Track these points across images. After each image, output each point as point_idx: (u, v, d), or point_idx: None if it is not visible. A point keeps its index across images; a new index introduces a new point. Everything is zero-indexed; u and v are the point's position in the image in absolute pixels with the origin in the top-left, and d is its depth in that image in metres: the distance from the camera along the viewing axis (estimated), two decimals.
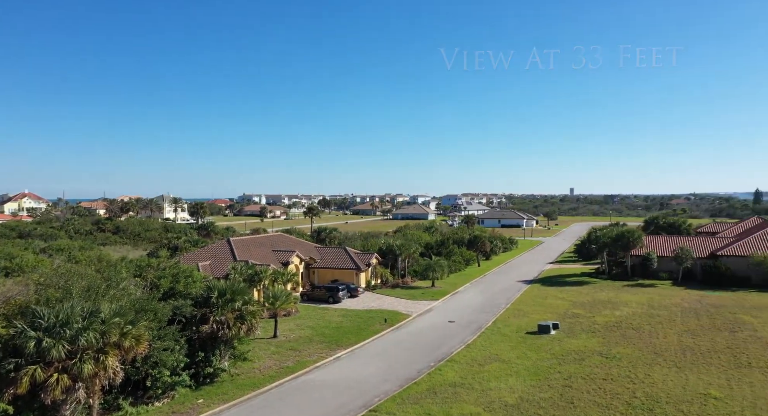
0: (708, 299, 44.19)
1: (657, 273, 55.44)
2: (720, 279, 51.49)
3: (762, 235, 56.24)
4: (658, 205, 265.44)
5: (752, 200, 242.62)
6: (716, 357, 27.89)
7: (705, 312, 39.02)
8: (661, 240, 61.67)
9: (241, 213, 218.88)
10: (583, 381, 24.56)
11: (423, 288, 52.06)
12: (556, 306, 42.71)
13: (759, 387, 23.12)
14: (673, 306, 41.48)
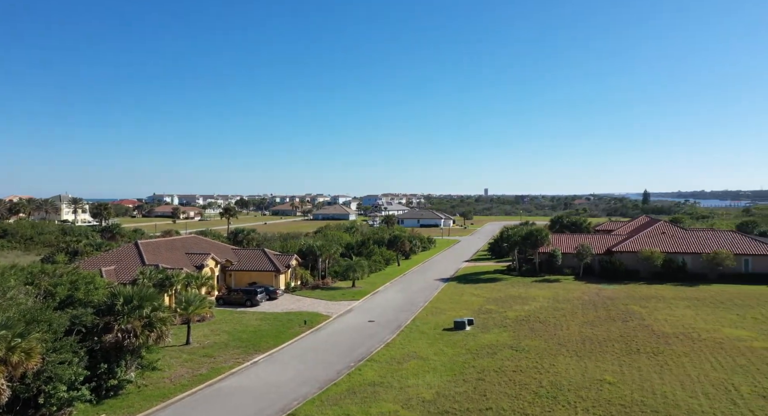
0: (604, 292, 48.13)
1: (561, 269, 59.49)
2: (615, 273, 56.28)
3: (649, 232, 62.28)
4: (562, 205, 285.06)
5: (641, 201, 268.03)
6: (611, 345, 30.45)
7: (602, 304, 42.46)
8: (565, 238, 66.30)
9: (151, 214, 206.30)
10: (495, 373, 25.81)
11: (343, 289, 52.07)
12: (471, 303, 44.48)
13: (645, 370, 25.56)
14: (575, 300, 44.72)
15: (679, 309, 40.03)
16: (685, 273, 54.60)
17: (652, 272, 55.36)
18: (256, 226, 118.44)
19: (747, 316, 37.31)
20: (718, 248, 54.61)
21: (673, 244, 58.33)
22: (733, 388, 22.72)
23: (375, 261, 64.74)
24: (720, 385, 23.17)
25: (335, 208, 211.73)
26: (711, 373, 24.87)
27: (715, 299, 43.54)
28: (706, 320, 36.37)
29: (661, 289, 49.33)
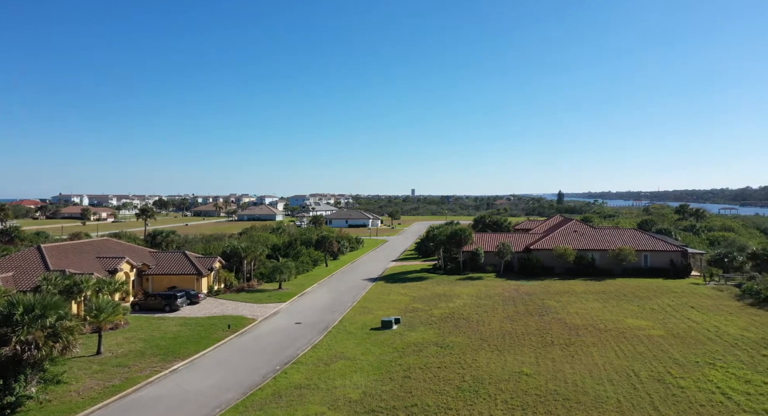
0: (523, 288, 50.69)
1: (484, 267, 61.92)
2: (532, 270, 59.43)
3: (563, 231, 66.37)
4: (485, 205, 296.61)
5: (556, 201, 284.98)
6: (528, 338, 32.13)
7: (521, 300, 44.69)
8: (487, 237, 69.07)
9: (57, 216, 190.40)
10: (421, 370, 26.39)
11: (270, 291, 50.98)
12: (398, 302, 45.15)
13: (558, 361, 27.23)
14: (496, 296, 46.71)
15: (588, 303, 42.98)
16: (594, 269, 58.73)
17: (566, 268, 59.05)
18: (177, 227, 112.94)
19: (646, 307, 40.78)
20: (622, 244, 59.26)
21: (583, 241, 62.54)
22: (634, 374, 24.76)
23: (302, 262, 63.96)
24: (623, 371, 25.17)
25: (261, 208, 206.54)
26: (615, 361, 26.95)
27: (619, 293, 47.21)
28: (611, 311, 39.34)
29: (573, 284, 52.71)
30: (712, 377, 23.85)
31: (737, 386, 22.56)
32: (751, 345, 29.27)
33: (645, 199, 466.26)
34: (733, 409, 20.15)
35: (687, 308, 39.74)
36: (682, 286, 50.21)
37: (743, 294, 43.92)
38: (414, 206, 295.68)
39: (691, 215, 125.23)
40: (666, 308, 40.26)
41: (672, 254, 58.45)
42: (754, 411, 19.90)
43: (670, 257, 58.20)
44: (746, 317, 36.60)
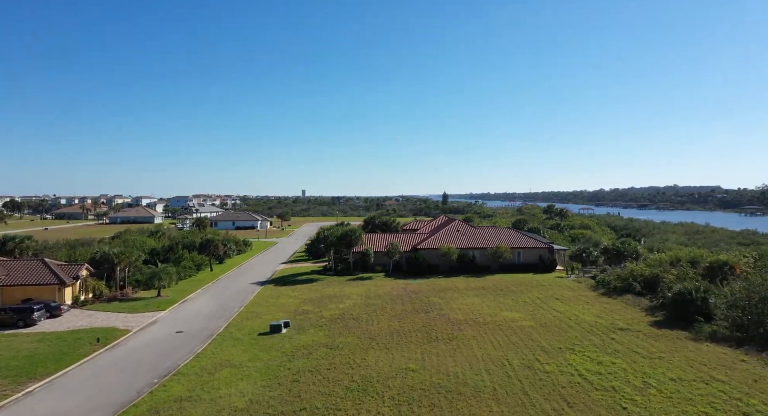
0: (410, 287, 52.59)
1: (374, 267, 63.17)
2: (419, 269, 61.87)
3: (447, 230, 69.98)
4: (375, 206, 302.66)
5: (442, 202, 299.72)
6: (415, 335, 33.43)
7: (408, 298, 46.32)
8: (377, 237, 70.57)
9: None
10: (310, 373, 26.24)
11: (147, 299, 47.33)
12: (288, 305, 44.41)
13: (442, 355, 28.71)
14: (385, 295, 47.92)
15: (469, 298, 45.80)
16: (474, 266, 62.71)
17: (450, 266, 62.33)
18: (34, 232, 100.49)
19: (519, 300, 44.48)
20: (499, 243, 63.98)
21: (465, 240, 66.49)
22: (508, 362, 26.90)
23: (185, 267, 60.28)
24: (498, 361, 27.22)
25: (137, 210, 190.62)
26: (492, 352, 29.05)
27: (496, 288, 50.94)
28: (489, 306, 42.32)
29: (456, 281, 55.81)
30: (572, 361, 26.71)
31: (591, 367, 25.51)
32: (603, 330, 33.27)
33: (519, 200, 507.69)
34: (588, 388, 22.75)
35: (553, 300, 44.02)
36: (549, 280, 55.50)
37: (597, 285, 49.72)
38: (305, 207, 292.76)
39: (556, 214, 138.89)
40: (536, 300, 44.24)
41: (541, 251, 64.34)
42: (603, 388, 22.66)
43: (539, 254, 64.00)
44: (599, 305, 41.51)
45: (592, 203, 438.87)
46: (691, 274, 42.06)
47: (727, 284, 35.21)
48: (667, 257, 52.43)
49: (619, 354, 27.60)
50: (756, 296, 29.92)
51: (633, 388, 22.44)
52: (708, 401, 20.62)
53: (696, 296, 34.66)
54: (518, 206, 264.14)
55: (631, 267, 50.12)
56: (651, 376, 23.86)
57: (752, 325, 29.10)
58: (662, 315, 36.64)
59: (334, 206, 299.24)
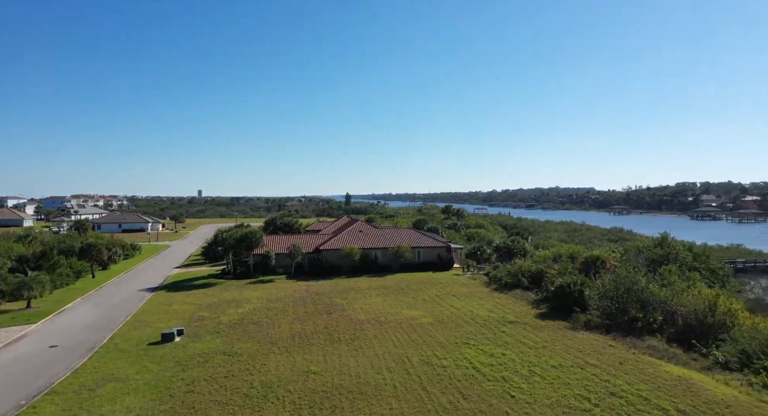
0: (313, 288, 52.15)
1: (275, 269, 61.75)
2: (322, 270, 61.58)
3: (350, 231, 70.39)
4: (277, 206, 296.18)
5: (344, 202, 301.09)
6: (317, 337, 33.20)
7: (310, 300, 45.89)
8: (279, 239, 69.09)
9: None
10: (206, 382, 25.00)
11: (14, 311, 42.19)
12: (182, 312, 41.96)
13: (344, 356, 28.82)
14: (287, 298, 47.05)
15: (372, 298, 46.45)
16: (377, 266, 63.72)
17: (353, 266, 62.73)
18: None
19: (419, 298, 45.96)
20: (400, 242, 65.62)
21: (368, 241, 67.33)
22: (408, 360, 27.67)
23: (61, 275, 54.56)
24: (399, 359, 27.90)
25: (2, 212, 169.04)
26: (393, 350, 29.71)
27: (398, 287, 52.19)
28: (391, 305, 43.24)
29: (359, 281, 56.32)
30: (467, 354, 28.14)
31: (484, 360, 27.07)
32: (495, 323, 35.46)
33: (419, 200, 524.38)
34: (481, 380, 24.12)
35: (450, 297, 46.04)
36: (446, 277, 57.97)
37: (490, 281, 52.88)
38: (201, 208, 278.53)
39: (453, 214, 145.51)
40: (434, 298, 45.98)
41: (439, 250, 67.04)
42: (495, 378, 24.15)
43: (438, 253, 66.65)
44: (491, 300, 44.18)
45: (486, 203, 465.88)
46: (570, 269, 46.19)
47: (599, 277, 39.13)
48: (550, 253, 57.12)
49: (509, 346, 29.58)
50: (622, 287, 33.61)
51: (520, 377, 24.17)
52: (583, 384, 22.80)
53: (574, 289, 38.17)
54: (419, 206, 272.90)
55: (520, 264, 53.91)
56: (536, 365, 25.86)
57: (618, 313, 32.65)
58: (546, 308, 39.86)
59: (233, 207, 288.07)
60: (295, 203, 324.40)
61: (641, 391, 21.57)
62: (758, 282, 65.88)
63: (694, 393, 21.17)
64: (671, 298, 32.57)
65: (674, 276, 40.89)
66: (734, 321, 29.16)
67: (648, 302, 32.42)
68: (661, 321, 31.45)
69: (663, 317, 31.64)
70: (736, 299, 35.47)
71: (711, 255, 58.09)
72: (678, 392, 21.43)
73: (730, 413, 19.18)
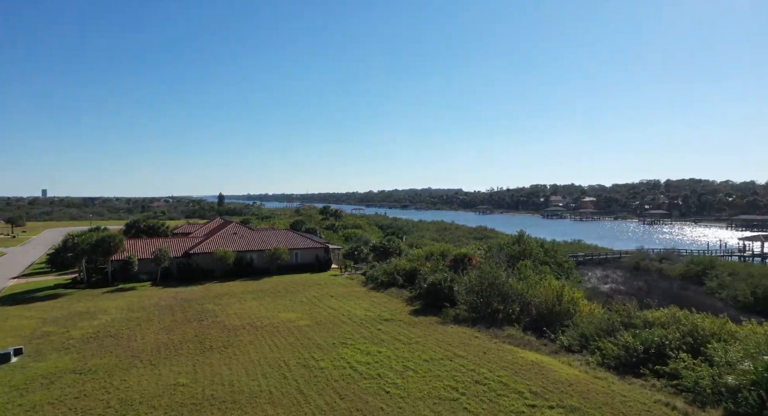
0: (182, 295, 48.83)
1: (138, 276, 56.72)
2: (192, 275, 57.97)
3: (223, 233, 67.22)
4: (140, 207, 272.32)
5: (217, 203, 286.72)
6: (186, 346, 31.14)
7: (179, 307, 42.91)
8: (142, 243, 63.60)
9: None
10: (51, 406, 22.09)
11: None
12: (22, 327, 36.64)
13: (217, 365, 27.41)
14: (151, 306, 43.45)
15: (247, 302, 44.80)
16: (252, 269, 61.63)
17: (226, 270, 59.96)
18: None
19: (296, 300, 45.37)
20: (277, 244, 64.21)
21: (243, 243, 64.85)
22: (284, 364, 27.16)
23: None
24: (275, 363, 27.26)
25: None
26: (269, 354, 28.95)
27: (274, 290, 51.00)
28: (267, 308, 42.10)
29: (233, 286, 53.98)
30: (344, 354, 28.42)
31: (361, 358, 27.57)
32: (371, 322, 36.30)
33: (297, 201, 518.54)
34: (357, 378, 24.52)
35: (328, 298, 46.15)
36: (324, 278, 58.01)
37: (367, 281, 54.03)
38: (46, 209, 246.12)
39: (331, 215, 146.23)
40: (312, 299, 45.74)
41: (317, 251, 66.86)
42: (371, 376, 24.71)
43: (315, 254, 66.41)
44: (368, 299, 45.17)
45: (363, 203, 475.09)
46: (441, 266, 48.96)
47: (466, 273, 42.02)
48: (423, 252, 60.00)
49: (385, 343, 30.47)
50: (486, 282, 36.45)
51: (395, 373, 25.03)
52: (452, 375, 24.30)
53: (444, 285, 40.52)
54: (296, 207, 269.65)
55: (395, 262, 55.85)
56: (409, 360, 26.97)
57: (483, 306, 35.37)
58: (419, 304, 41.78)
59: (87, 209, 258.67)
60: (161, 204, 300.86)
61: (501, 377, 23.60)
62: (594, 273, 75.78)
63: (545, 375, 23.69)
64: (527, 290, 36.06)
65: (529, 270, 45.33)
66: (576, 308, 33.16)
67: (508, 295, 35.54)
68: (518, 312, 34.68)
69: (520, 308, 34.92)
70: (578, 289, 40.48)
71: (558, 250, 65.56)
72: (532, 375, 23.82)
73: (572, 390, 21.79)
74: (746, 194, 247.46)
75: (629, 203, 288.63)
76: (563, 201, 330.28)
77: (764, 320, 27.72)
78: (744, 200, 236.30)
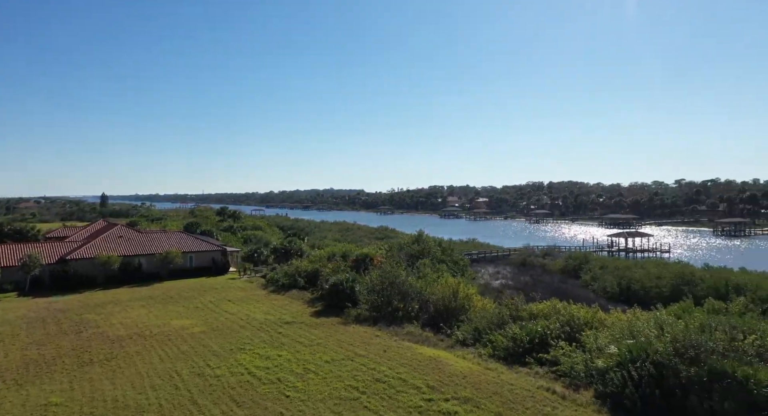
0: (56, 305, 44.10)
1: (2, 286, 50.27)
2: (69, 283, 52.58)
3: (106, 237, 61.79)
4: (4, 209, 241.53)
5: (100, 204, 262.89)
6: (61, 362, 28.15)
7: (52, 319, 38.69)
8: (7, 249, 56.48)
9: None
10: None
11: None
12: None
13: (97, 380, 25.09)
14: (18, 320, 38.72)
15: (134, 310, 41.56)
16: (141, 274, 57.32)
17: (110, 276, 55.17)
18: None
19: (190, 306, 42.97)
20: (169, 247, 60.34)
21: (130, 247, 60.09)
22: (176, 374, 25.57)
23: None
24: (165, 374, 25.57)
25: None
26: (159, 365, 27.09)
27: (166, 295, 47.86)
28: (157, 315, 39.39)
29: (118, 293, 49.80)
30: (242, 360, 27.44)
31: (260, 363, 26.78)
32: (271, 326, 35.43)
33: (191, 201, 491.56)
34: (256, 384, 23.78)
35: (225, 302, 44.27)
36: (222, 282, 55.58)
37: (267, 283, 52.66)
38: None
39: (229, 216, 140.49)
40: (208, 304, 43.59)
41: (213, 254, 63.89)
42: (270, 381, 24.10)
43: (212, 257, 63.41)
44: (269, 302, 44.05)
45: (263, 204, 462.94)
46: (343, 267, 49.10)
47: (368, 273, 42.54)
48: (325, 252, 59.79)
49: (285, 347, 29.88)
50: (386, 281, 37.18)
51: (295, 376, 24.65)
52: (353, 375, 24.46)
53: (346, 285, 40.67)
54: (191, 208, 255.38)
55: (297, 264, 55.02)
56: (310, 362, 26.70)
57: (384, 305, 36.05)
58: (321, 305, 41.54)
59: None
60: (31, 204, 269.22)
61: (401, 374, 24.20)
62: (487, 270, 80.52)
63: (441, 370, 24.71)
64: (425, 288, 37.35)
65: (428, 269, 46.99)
66: (470, 304, 34.99)
67: (408, 294, 36.55)
68: (417, 309, 35.80)
69: (419, 305, 36.08)
70: (472, 285, 42.74)
71: (454, 249, 68.83)
72: (429, 370, 24.72)
73: (466, 382, 22.96)
74: (614, 195, 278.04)
75: (517, 203, 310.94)
76: (459, 202, 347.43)
77: (627, 307, 31.30)
78: (612, 201, 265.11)
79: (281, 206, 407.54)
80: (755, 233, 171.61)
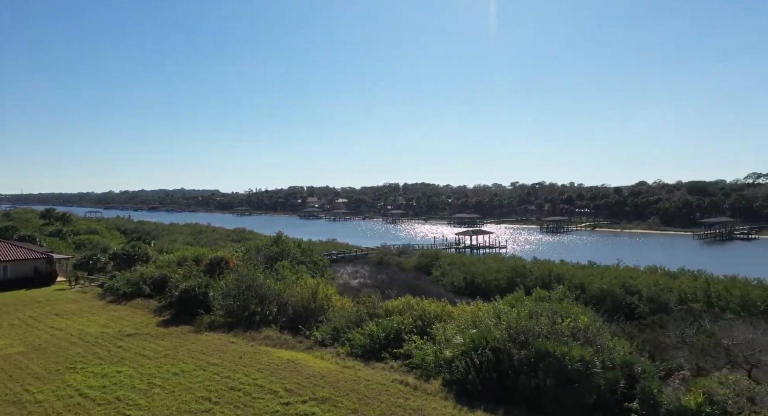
0: None
1: None
2: None
3: None
4: None
5: None
6: None
7: None
8: None
9: None
10: None
11: None
12: None
13: None
14: None
15: None
16: None
17: None
18: None
19: (5, 324, 36.77)
20: None
21: None
22: None
23: None
24: None
25: None
26: None
27: None
28: None
29: None
30: (72, 381, 24.20)
31: (94, 382, 23.88)
32: (110, 340, 31.84)
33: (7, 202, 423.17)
34: (89, 406, 21.15)
35: (51, 317, 38.70)
36: (47, 294, 48.51)
37: (105, 293, 47.24)
38: None
39: (57, 219, 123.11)
40: (28, 320, 37.71)
41: (36, 262, 55.52)
42: (107, 401, 21.62)
43: (34, 266, 55.04)
44: (107, 314, 39.54)
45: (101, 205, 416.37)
46: (195, 271, 46.04)
47: (223, 277, 40.48)
48: (175, 257, 55.51)
49: (126, 361, 27.07)
50: (243, 285, 35.75)
51: (138, 392, 22.46)
52: (205, 385, 23.06)
53: (199, 291, 38.22)
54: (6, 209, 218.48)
55: (141, 270, 50.24)
56: (156, 376, 24.55)
57: (240, 310, 34.62)
58: (170, 314, 38.45)
59: None
60: None
61: (257, 380, 23.45)
62: (346, 269, 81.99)
63: (299, 372, 24.49)
64: (284, 290, 36.71)
65: (287, 270, 46.28)
66: (329, 303, 35.23)
67: (266, 297, 35.56)
68: (276, 312, 35.00)
69: (278, 308, 35.32)
70: (332, 285, 43.09)
71: (314, 250, 68.86)
72: (287, 373, 24.34)
73: (324, 382, 23.08)
74: (460, 196, 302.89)
75: (375, 203, 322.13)
76: (319, 202, 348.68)
77: (471, 300, 34.24)
78: (459, 201, 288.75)
79: (123, 208, 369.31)
80: (572, 229, 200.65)
